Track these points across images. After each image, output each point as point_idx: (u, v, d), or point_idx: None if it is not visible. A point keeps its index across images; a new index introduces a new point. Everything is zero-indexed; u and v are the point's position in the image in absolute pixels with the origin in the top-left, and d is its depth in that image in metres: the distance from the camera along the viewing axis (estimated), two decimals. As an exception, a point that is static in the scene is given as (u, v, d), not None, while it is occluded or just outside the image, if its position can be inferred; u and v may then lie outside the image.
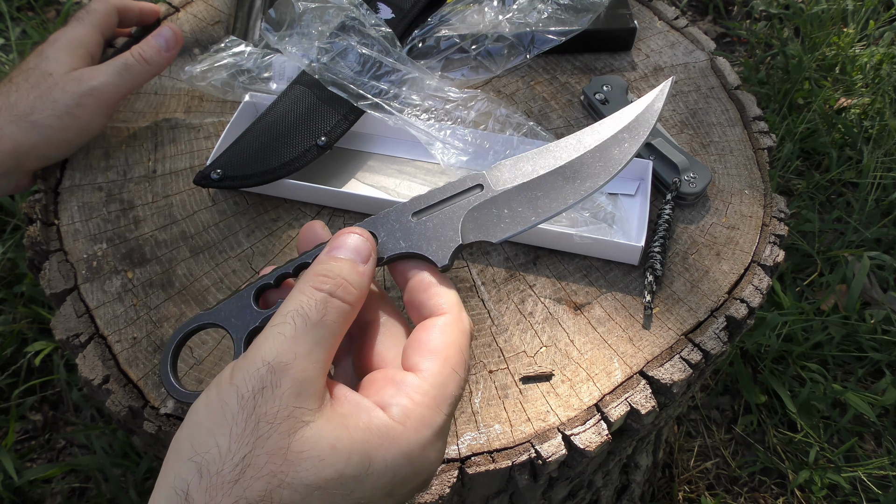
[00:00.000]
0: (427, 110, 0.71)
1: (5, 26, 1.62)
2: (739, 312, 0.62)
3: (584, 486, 0.74)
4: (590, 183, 0.44)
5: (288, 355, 0.36)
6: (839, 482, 1.13)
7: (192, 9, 0.86)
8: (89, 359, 0.59)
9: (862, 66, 1.66)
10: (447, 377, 0.39)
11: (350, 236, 0.41)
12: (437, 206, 0.43)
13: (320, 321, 0.37)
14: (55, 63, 0.67)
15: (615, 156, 0.44)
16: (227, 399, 0.35)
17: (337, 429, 0.35)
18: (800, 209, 1.46)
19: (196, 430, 0.35)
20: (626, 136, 0.45)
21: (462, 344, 0.40)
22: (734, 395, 1.27)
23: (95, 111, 0.68)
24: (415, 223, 0.43)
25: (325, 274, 0.39)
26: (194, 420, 0.36)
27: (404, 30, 0.78)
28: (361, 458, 0.35)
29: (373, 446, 0.36)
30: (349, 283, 0.39)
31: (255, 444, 0.34)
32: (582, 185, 0.44)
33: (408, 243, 0.42)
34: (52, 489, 1.12)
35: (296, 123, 0.70)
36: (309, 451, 0.34)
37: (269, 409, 0.35)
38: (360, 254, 0.41)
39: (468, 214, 0.43)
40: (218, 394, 0.36)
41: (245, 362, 0.36)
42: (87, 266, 0.64)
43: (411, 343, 0.41)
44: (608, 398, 0.57)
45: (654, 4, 0.88)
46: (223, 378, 0.37)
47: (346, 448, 0.35)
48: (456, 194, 0.43)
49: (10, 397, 1.18)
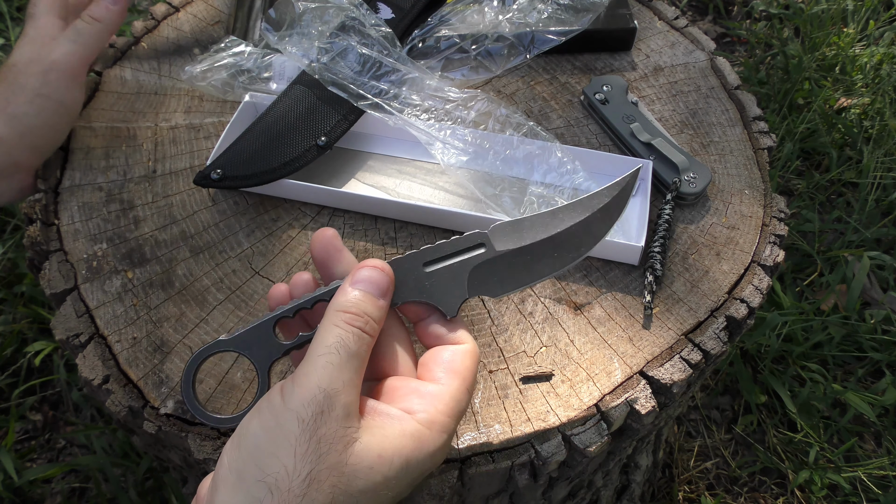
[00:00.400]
0: (427, 110, 0.71)
1: (5, 26, 1.62)
2: (739, 312, 0.62)
3: (584, 486, 0.74)
4: (574, 254, 0.50)
5: (338, 383, 0.41)
6: (839, 482, 1.13)
7: (192, 9, 0.86)
8: (89, 359, 0.59)
9: (862, 66, 1.66)
10: (463, 394, 0.45)
11: (375, 272, 0.46)
12: (445, 259, 0.49)
13: (356, 352, 0.43)
14: (18, 54, 0.67)
15: (594, 232, 0.50)
16: (287, 423, 0.40)
17: (379, 439, 0.41)
18: (800, 209, 1.46)
19: (258, 453, 0.40)
20: (603, 216, 0.50)
21: (475, 371, 0.47)
22: (734, 395, 1.27)
23: (63, 85, 0.67)
24: (426, 273, 0.48)
25: (356, 312, 0.44)
26: (254, 444, 0.40)
27: (404, 30, 0.78)
28: (401, 462, 0.41)
29: (409, 450, 0.42)
30: (373, 319, 0.45)
31: (317, 462, 0.39)
32: (568, 255, 0.50)
33: (421, 292, 0.48)
34: (52, 489, 1.12)
35: (296, 123, 0.70)
36: (361, 463, 0.40)
37: (327, 430, 0.40)
38: (381, 290, 0.46)
39: (472, 272, 0.49)
40: (275, 419, 0.40)
41: (300, 389, 0.41)
42: (87, 266, 0.64)
43: (435, 359, 0.47)
44: (608, 398, 0.57)
45: (654, 4, 0.88)
46: (275, 404, 0.41)
47: (389, 455, 0.41)
48: (462, 250, 0.49)
49: (10, 397, 1.18)
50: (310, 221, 0.68)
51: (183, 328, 0.61)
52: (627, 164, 0.69)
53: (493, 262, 0.49)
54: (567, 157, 0.68)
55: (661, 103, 0.78)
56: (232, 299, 0.63)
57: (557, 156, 0.68)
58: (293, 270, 0.64)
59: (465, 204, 0.69)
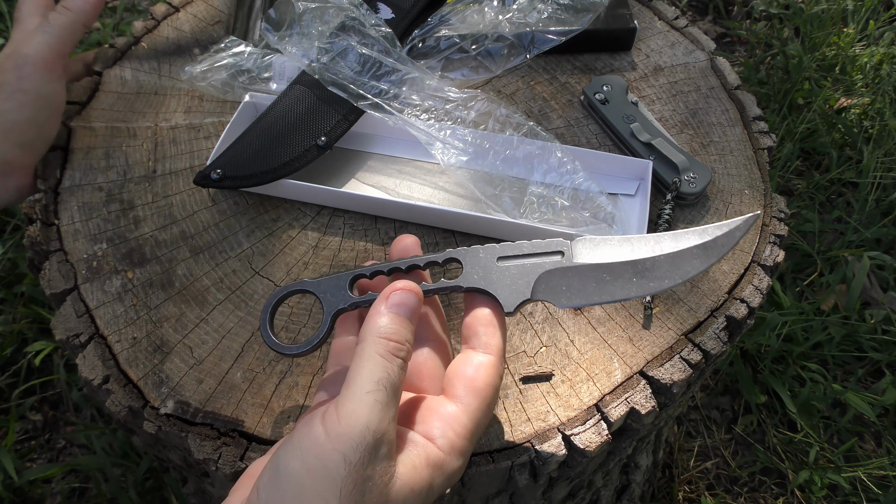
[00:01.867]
0: (427, 110, 0.71)
1: (5, 26, 1.62)
2: (739, 312, 0.62)
3: (584, 486, 0.74)
4: (655, 284, 0.47)
5: (385, 422, 0.41)
6: (839, 482, 1.13)
7: (192, 9, 0.86)
8: (89, 359, 0.59)
9: (862, 66, 1.66)
10: (483, 413, 0.45)
11: (407, 296, 0.46)
12: (519, 258, 0.48)
13: (399, 386, 0.43)
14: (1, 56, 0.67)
15: (685, 268, 0.48)
16: (333, 465, 0.39)
17: (410, 472, 0.42)
18: (800, 209, 1.46)
19: (301, 494, 0.39)
20: (702, 253, 0.48)
21: (498, 386, 0.47)
22: (734, 395, 1.27)
23: (40, 77, 0.67)
24: (497, 267, 0.48)
25: (399, 341, 0.44)
26: (296, 484, 0.39)
27: (404, 30, 0.78)
28: (427, 491, 0.43)
29: (433, 478, 0.43)
30: (409, 344, 0.45)
31: (360, 501, 0.39)
32: (647, 284, 0.47)
33: (487, 282, 0.48)
34: (52, 489, 1.12)
35: (296, 123, 0.70)
36: (397, 498, 0.41)
37: (373, 471, 0.40)
38: (414, 312, 0.46)
39: (543, 275, 0.48)
40: (319, 459, 0.39)
41: (348, 429, 0.40)
42: (87, 266, 0.64)
43: (457, 373, 0.46)
44: (608, 398, 0.57)
45: (654, 4, 0.88)
46: (319, 440, 0.40)
47: (419, 487, 0.42)
48: (539, 253, 0.49)
49: (10, 397, 1.18)
50: (310, 221, 0.68)
51: (183, 328, 0.61)
52: (627, 164, 0.69)
53: (567, 271, 0.48)
54: (567, 157, 0.68)
55: (661, 103, 0.78)
56: (232, 299, 0.63)
57: (557, 156, 0.68)
58: (293, 270, 0.64)
59: (465, 204, 0.69)
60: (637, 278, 0.48)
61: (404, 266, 0.49)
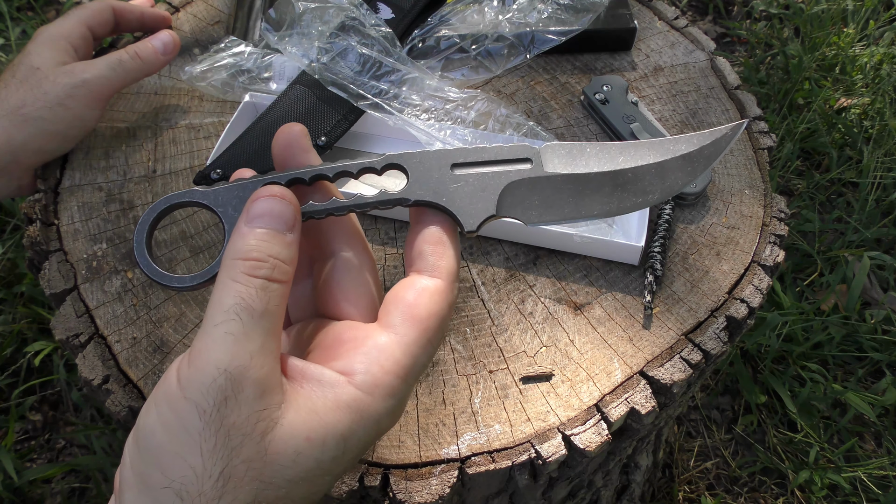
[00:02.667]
0: (427, 110, 0.71)
1: (5, 26, 1.62)
2: (739, 312, 0.62)
3: (584, 486, 0.74)
4: (638, 199, 0.42)
5: (243, 357, 0.33)
6: (839, 482, 1.13)
7: (192, 9, 0.86)
8: (89, 359, 0.59)
9: (862, 66, 1.66)
10: (422, 348, 0.37)
11: (274, 202, 0.37)
12: (479, 166, 0.40)
13: (265, 310, 0.34)
14: (38, 58, 0.68)
15: (670, 180, 0.42)
16: (187, 416, 0.33)
17: (307, 418, 0.34)
18: (800, 209, 1.46)
19: (160, 455, 0.33)
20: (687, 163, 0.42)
21: (445, 316, 0.38)
22: (734, 395, 1.27)
23: (87, 103, 0.68)
24: (452, 176, 0.40)
25: (256, 257, 0.35)
26: (154, 444, 0.33)
27: (404, 30, 0.78)
28: (337, 441, 0.35)
29: (345, 426, 0.35)
30: (281, 260, 0.36)
31: (230, 456, 0.33)
32: (630, 198, 0.42)
33: (440, 195, 0.40)
34: (52, 489, 1.12)
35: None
36: (285, 450, 0.34)
37: (236, 418, 0.33)
38: (287, 222, 0.37)
39: (508, 187, 0.40)
40: (173, 412, 0.33)
41: (196, 372, 0.33)
42: (87, 266, 0.64)
43: (394, 299, 0.38)
44: (608, 398, 0.57)
45: (654, 4, 0.88)
46: (171, 392, 0.33)
47: (320, 436, 0.34)
48: (503, 160, 0.41)
49: (10, 397, 1.18)
50: (310, 221, 0.68)
51: (183, 328, 0.61)
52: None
53: (537, 182, 0.41)
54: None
55: (661, 103, 0.78)
56: (232, 299, 0.62)
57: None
58: (293, 270, 0.64)
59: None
60: (618, 192, 0.41)
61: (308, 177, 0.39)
